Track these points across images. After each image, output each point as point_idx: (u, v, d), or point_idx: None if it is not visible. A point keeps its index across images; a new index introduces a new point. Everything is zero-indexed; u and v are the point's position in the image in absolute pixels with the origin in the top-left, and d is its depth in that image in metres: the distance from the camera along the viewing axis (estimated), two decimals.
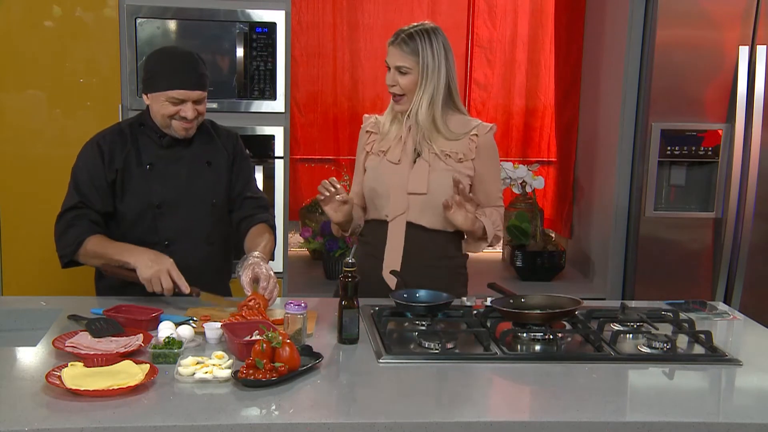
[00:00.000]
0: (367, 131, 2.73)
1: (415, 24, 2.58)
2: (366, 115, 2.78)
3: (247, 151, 2.72)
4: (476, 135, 2.61)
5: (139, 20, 3.28)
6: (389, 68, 2.58)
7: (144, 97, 2.48)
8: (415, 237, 2.59)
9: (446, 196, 2.52)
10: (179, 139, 2.52)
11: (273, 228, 2.65)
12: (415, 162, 2.60)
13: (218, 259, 2.61)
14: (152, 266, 2.32)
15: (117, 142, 2.50)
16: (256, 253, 2.44)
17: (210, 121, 2.63)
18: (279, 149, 3.42)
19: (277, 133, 3.41)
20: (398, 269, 2.57)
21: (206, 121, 2.59)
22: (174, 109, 2.43)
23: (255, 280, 2.37)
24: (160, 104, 2.43)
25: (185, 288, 2.32)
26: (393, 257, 2.59)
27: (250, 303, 2.27)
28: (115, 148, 2.49)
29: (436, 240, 2.60)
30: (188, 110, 2.43)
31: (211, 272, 2.57)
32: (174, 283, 2.32)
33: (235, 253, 2.69)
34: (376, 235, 2.63)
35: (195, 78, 2.43)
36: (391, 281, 2.57)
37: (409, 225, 2.59)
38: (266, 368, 1.82)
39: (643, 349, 2.14)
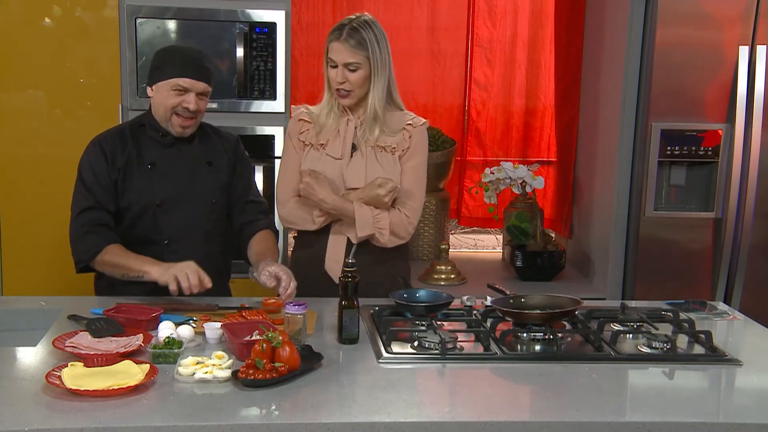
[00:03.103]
0: (300, 119, 2.66)
1: (352, 17, 2.55)
2: (295, 106, 2.73)
3: (247, 152, 2.72)
4: (411, 125, 2.61)
5: (139, 20, 3.28)
6: (335, 65, 2.53)
7: (149, 90, 2.50)
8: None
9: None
10: (181, 138, 2.53)
11: (276, 234, 2.67)
12: (352, 157, 2.60)
13: (217, 258, 2.62)
14: (170, 268, 2.31)
15: (118, 143, 2.51)
16: (270, 260, 2.45)
17: (209, 125, 2.65)
18: (279, 149, 3.42)
19: (277, 133, 3.41)
20: (341, 264, 2.55)
21: (205, 124, 2.61)
22: (177, 100, 2.44)
23: (276, 278, 2.37)
24: (164, 94, 2.45)
25: (208, 281, 2.31)
26: (336, 251, 2.59)
27: (271, 301, 2.32)
28: (116, 149, 2.50)
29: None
30: (191, 101, 2.44)
31: (211, 272, 2.57)
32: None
33: (234, 255, 2.69)
34: (318, 232, 2.62)
35: (202, 69, 2.47)
36: (336, 277, 2.55)
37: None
38: (266, 368, 1.82)
39: (643, 349, 2.14)
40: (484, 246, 4.48)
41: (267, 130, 3.40)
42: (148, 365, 1.86)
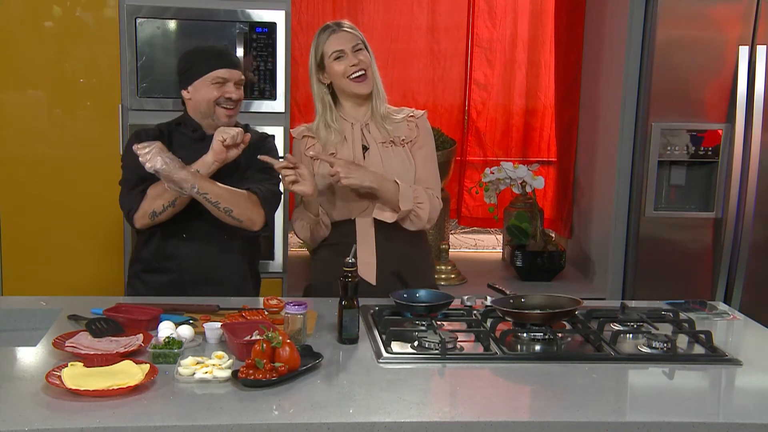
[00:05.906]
0: (304, 136, 2.69)
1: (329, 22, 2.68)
2: (293, 129, 2.76)
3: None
4: (413, 116, 2.67)
5: (139, 20, 3.28)
6: (344, 55, 2.57)
7: (184, 93, 2.59)
8: (382, 229, 2.60)
9: (402, 181, 2.57)
10: (209, 135, 2.55)
11: (259, 198, 2.56)
12: (365, 158, 2.62)
13: (234, 254, 2.64)
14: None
15: (156, 137, 2.57)
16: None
17: (245, 124, 2.70)
18: (279, 149, 3.41)
19: (277, 133, 3.40)
20: (374, 263, 2.59)
21: (241, 124, 2.66)
22: (219, 92, 2.54)
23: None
24: (205, 90, 2.54)
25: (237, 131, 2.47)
26: (366, 252, 2.58)
27: (273, 302, 2.33)
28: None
29: (400, 227, 2.62)
30: (231, 90, 2.55)
31: (226, 266, 2.62)
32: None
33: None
34: (346, 235, 2.61)
35: (234, 59, 2.60)
36: (369, 276, 2.57)
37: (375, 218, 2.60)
38: (266, 368, 1.82)
39: (643, 349, 2.14)
40: (484, 246, 4.49)
41: (267, 130, 3.38)
42: (148, 365, 1.86)
